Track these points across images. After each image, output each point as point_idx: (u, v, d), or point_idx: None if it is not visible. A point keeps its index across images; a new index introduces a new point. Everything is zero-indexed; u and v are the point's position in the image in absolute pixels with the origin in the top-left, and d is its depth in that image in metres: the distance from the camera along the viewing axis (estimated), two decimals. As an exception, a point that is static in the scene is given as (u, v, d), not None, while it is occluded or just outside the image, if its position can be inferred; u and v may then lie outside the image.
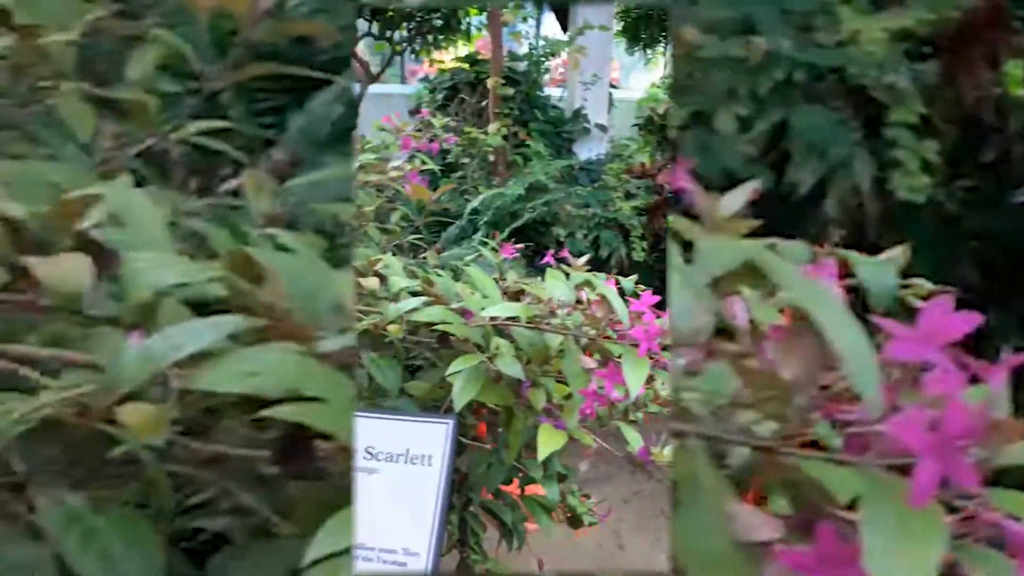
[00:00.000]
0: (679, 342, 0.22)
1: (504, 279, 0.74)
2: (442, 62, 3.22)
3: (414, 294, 0.66)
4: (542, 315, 0.54)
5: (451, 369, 0.51)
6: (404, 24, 3.18)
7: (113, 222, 0.32)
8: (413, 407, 0.65)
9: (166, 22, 0.45)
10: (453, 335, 0.65)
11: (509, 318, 0.55)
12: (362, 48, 3.34)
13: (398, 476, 0.51)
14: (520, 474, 0.75)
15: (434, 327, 0.68)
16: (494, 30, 2.54)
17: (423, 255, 1.04)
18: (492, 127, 2.39)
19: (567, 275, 0.61)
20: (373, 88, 3.39)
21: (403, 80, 4.10)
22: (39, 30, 0.37)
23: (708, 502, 0.21)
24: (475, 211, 2.08)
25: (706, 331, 0.22)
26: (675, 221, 0.26)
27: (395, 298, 0.66)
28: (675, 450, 0.22)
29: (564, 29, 3.23)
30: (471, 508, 0.78)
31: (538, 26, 3.02)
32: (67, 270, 0.30)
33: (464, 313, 0.59)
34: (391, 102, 3.04)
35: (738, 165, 1.10)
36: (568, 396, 0.54)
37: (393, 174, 1.00)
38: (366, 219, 0.94)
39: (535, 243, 1.84)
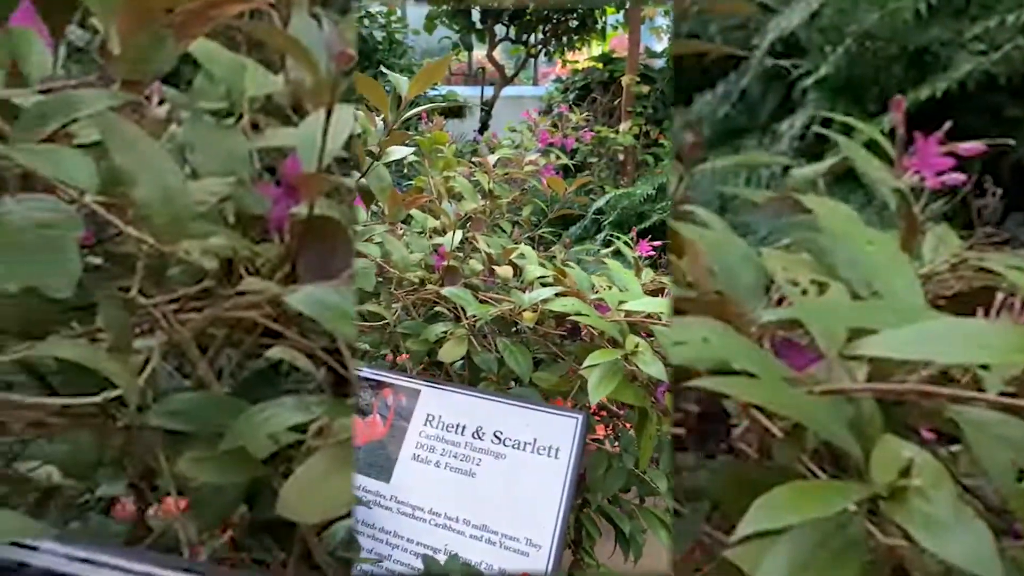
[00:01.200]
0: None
1: (639, 276, 0.70)
2: (575, 62, 3.21)
3: (546, 285, 0.65)
4: (687, 314, 0.50)
5: (587, 362, 0.49)
6: (540, 27, 3.23)
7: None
8: (537, 396, 0.64)
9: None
10: (584, 328, 0.63)
11: (649, 315, 0.52)
12: (498, 52, 3.46)
13: (525, 464, 0.50)
14: (641, 483, 0.71)
15: (562, 319, 0.67)
16: (633, 26, 2.47)
17: (551, 249, 1.04)
18: (624, 126, 2.32)
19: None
20: (505, 90, 3.50)
21: (535, 82, 4.17)
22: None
23: None
24: (600, 210, 2.04)
25: None
26: None
27: (528, 287, 0.66)
28: None
29: (707, 23, 3.04)
30: (587, 511, 0.75)
31: (679, 21, 2.88)
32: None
33: (599, 306, 0.57)
34: (522, 103, 3.11)
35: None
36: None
37: (528, 168, 1.01)
38: (501, 211, 0.95)
39: (664, 245, 1.75)
